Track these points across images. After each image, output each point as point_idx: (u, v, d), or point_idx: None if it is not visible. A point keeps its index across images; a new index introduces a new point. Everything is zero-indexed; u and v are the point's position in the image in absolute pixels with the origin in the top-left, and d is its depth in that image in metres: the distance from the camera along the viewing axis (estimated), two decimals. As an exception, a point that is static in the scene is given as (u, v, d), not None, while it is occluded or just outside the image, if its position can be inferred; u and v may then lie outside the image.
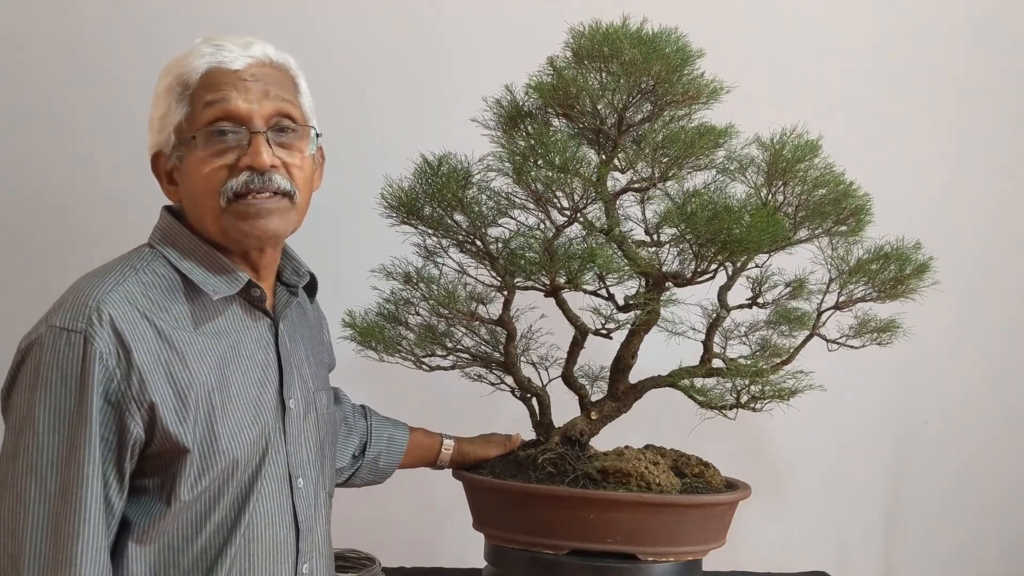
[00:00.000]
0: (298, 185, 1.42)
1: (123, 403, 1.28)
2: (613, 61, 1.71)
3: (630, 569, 1.67)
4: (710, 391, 1.76)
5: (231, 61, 1.38)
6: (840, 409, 2.42)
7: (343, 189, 2.19)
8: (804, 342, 1.83)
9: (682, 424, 1.84)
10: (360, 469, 1.81)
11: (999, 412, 2.55)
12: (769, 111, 1.83)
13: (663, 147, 1.74)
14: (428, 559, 2.32)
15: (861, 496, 2.54)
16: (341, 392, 1.85)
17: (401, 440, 1.85)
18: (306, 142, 1.45)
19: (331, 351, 1.78)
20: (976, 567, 2.56)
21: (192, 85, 1.38)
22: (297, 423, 1.48)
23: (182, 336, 1.35)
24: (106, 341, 1.27)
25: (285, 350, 1.48)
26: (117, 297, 1.31)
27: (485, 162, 1.76)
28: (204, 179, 1.38)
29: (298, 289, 1.56)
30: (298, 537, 1.44)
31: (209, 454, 1.34)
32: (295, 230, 1.46)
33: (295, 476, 1.45)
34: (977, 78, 2.51)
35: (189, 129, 1.38)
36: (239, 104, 1.37)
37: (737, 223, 1.62)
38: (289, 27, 2.34)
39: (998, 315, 2.55)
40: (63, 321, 1.28)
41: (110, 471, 1.29)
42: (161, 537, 1.33)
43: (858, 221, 1.82)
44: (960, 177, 2.52)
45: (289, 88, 1.44)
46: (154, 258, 1.40)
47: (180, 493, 1.32)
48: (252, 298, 1.44)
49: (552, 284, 1.74)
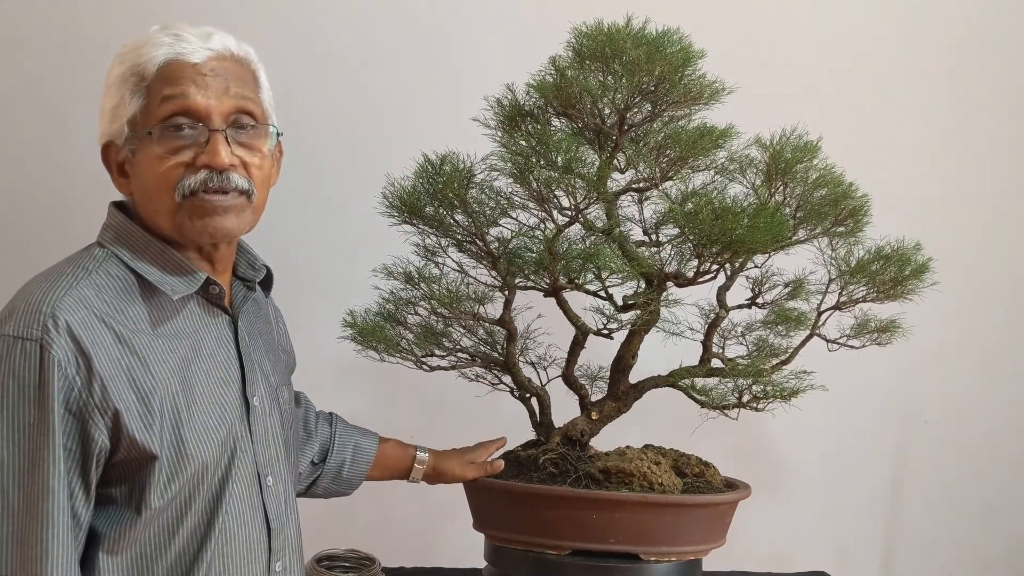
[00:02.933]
0: (256, 184, 1.37)
1: (85, 412, 1.23)
2: (615, 61, 1.71)
3: (632, 569, 1.67)
4: (712, 391, 1.76)
5: (190, 53, 1.32)
6: (840, 409, 2.42)
7: (343, 189, 2.21)
8: (804, 342, 1.84)
9: (682, 424, 1.84)
10: (321, 477, 1.76)
11: (999, 412, 2.55)
12: (769, 112, 1.84)
13: (664, 147, 1.74)
14: (428, 559, 2.32)
15: (861, 496, 2.54)
16: (303, 396, 1.80)
17: (368, 450, 1.78)
18: (265, 139, 1.39)
19: (290, 347, 1.72)
20: (976, 567, 2.57)
21: (148, 77, 1.32)
22: (263, 420, 1.44)
23: (141, 339, 1.29)
24: (64, 348, 1.22)
25: (245, 347, 1.44)
26: (71, 301, 1.25)
27: (488, 162, 1.76)
28: (159, 176, 1.32)
29: (254, 284, 1.51)
30: (270, 535, 1.41)
31: (177, 459, 1.29)
32: (251, 228, 1.41)
33: (264, 474, 1.41)
34: (977, 78, 2.52)
35: (144, 123, 1.33)
36: (198, 100, 1.32)
37: (739, 223, 1.62)
38: (292, 26, 2.34)
39: (998, 315, 2.55)
40: (16, 329, 1.22)
41: (75, 482, 1.24)
42: (133, 546, 1.29)
43: (856, 222, 1.82)
44: (960, 177, 2.53)
45: (249, 83, 1.39)
46: (106, 258, 1.34)
47: (150, 500, 1.27)
48: (211, 296, 1.40)
49: (553, 284, 1.74)
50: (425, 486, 1.86)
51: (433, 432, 1.97)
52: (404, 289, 1.86)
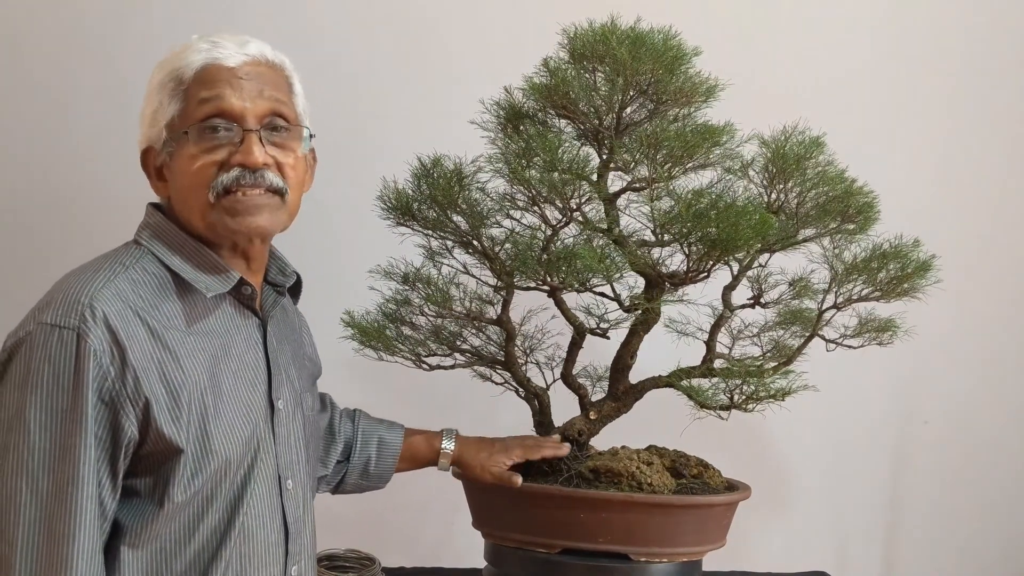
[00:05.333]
0: (290, 184, 1.41)
1: (117, 402, 1.26)
2: (606, 60, 1.71)
3: (624, 569, 1.67)
4: (705, 391, 1.75)
5: (226, 58, 1.37)
6: (840, 409, 2.42)
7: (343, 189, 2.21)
8: (806, 342, 1.82)
9: (685, 425, 1.83)
10: (348, 474, 1.77)
11: (999, 412, 2.54)
12: (769, 110, 1.83)
13: (659, 146, 1.73)
14: (428, 559, 2.32)
15: (861, 496, 2.53)
16: (329, 397, 1.82)
17: (393, 444, 1.79)
18: (298, 142, 1.43)
19: (316, 355, 1.74)
20: (976, 567, 2.55)
21: (186, 81, 1.37)
22: (286, 424, 1.47)
23: (174, 335, 1.33)
24: (100, 338, 1.25)
25: (273, 350, 1.47)
26: (109, 294, 1.29)
27: (477, 163, 1.76)
28: (194, 174, 1.36)
29: (284, 290, 1.55)
30: (287, 539, 1.44)
31: (202, 454, 1.32)
32: (284, 229, 1.45)
33: (284, 477, 1.44)
34: (978, 77, 2.50)
35: (182, 125, 1.37)
36: (233, 101, 1.36)
37: (721, 222, 1.60)
38: (288, 28, 2.36)
39: (998, 315, 2.53)
40: (54, 318, 1.26)
41: (104, 471, 1.26)
42: (154, 541, 1.31)
43: (865, 219, 1.80)
44: (960, 177, 2.51)
45: (283, 88, 1.43)
46: (143, 255, 1.38)
47: (173, 494, 1.30)
48: (243, 296, 1.43)
49: (549, 284, 1.74)
50: (425, 485, 1.87)
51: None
52: (405, 289, 1.87)
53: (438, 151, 1.81)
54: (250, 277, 1.45)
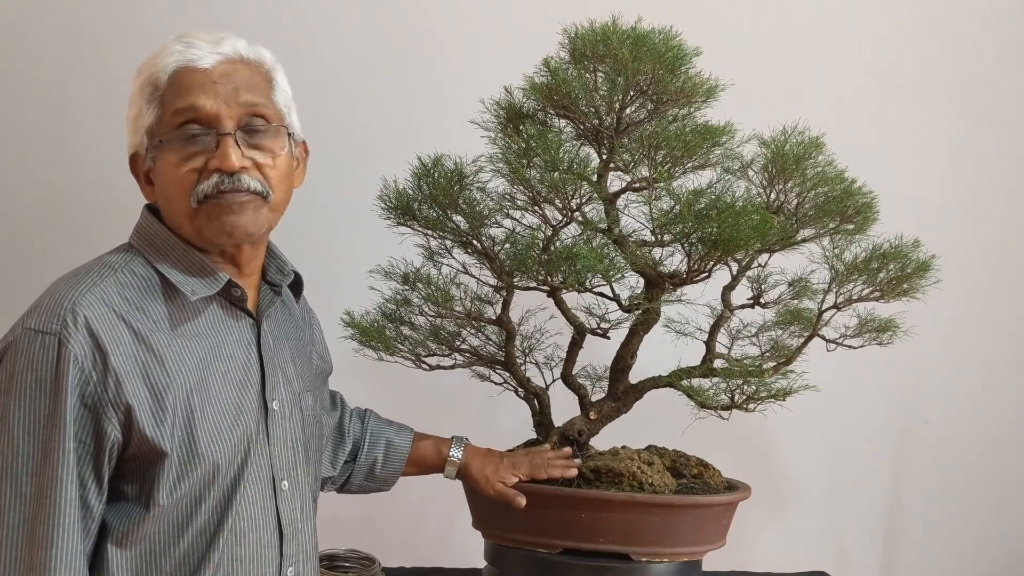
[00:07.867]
0: (272, 185, 1.39)
1: (100, 406, 1.26)
2: (607, 60, 1.71)
3: (625, 569, 1.67)
4: (705, 391, 1.75)
5: (199, 59, 1.35)
6: (840, 409, 2.42)
7: (343, 189, 2.22)
8: (806, 342, 1.82)
9: (685, 425, 1.84)
10: (353, 475, 1.77)
11: (999, 412, 2.54)
12: (769, 110, 1.83)
13: (659, 147, 1.73)
14: (428, 559, 2.32)
15: (861, 497, 2.53)
16: (340, 396, 1.82)
17: (401, 448, 1.78)
18: (280, 140, 1.40)
19: (326, 352, 1.74)
20: (976, 568, 2.55)
21: (161, 86, 1.36)
22: (281, 425, 1.45)
23: (159, 338, 1.32)
24: (81, 344, 1.25)
25: (268, 350, 1.45)
26: (93, 298, 1.29)
27: (477, 163, 1.76)
28: (175, 182, 1.35)
29: (282, 288, 1.53)
30: (282, 540, 1.42)
31: (188, 458, 1.31)
32: (271, 228, 1.43)
33: (279, 479, 1.43)
34: (978, 76, 2.50)
35: (160, 132, 1.36)
36: (207, 105, 1.34)
37: (723, 221, 1.61)
38: (287, 28, 2.36)
39: (998, 315, 2.53)
40: (37, 323, 1.26)
41: (87, 474, 1.27)
42: (142, 541, 1.31)
43: (864, 219, 1.81)
44: (961, 176, 2.52)
45: (260, 86, 1.40)
46: (133, 257, 1.38)
47: (158, 497, 1.30)
48: (233, 298, 1.42)
49: (549, 284, 1.74)
50: (425, 485, 1.87)
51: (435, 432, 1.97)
52: (405, 289, 1.87)
53: (438, 151, 1.82)
54: (242, 279, 1.43)
